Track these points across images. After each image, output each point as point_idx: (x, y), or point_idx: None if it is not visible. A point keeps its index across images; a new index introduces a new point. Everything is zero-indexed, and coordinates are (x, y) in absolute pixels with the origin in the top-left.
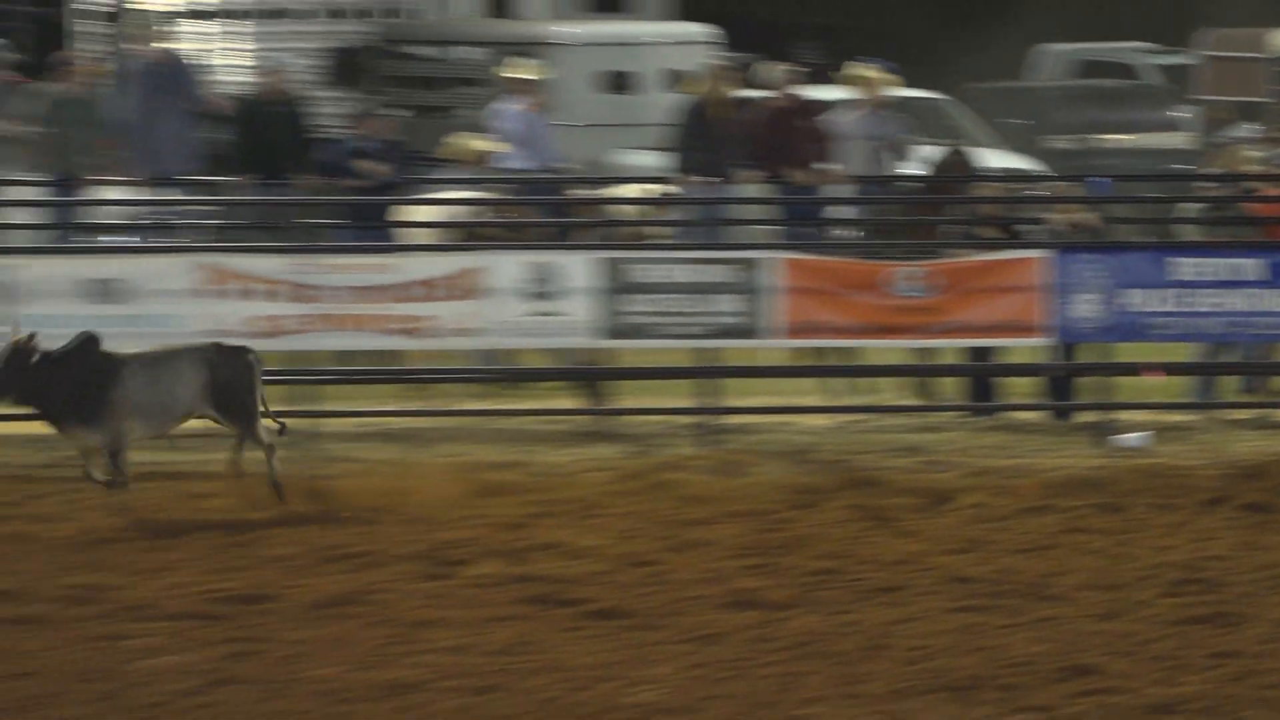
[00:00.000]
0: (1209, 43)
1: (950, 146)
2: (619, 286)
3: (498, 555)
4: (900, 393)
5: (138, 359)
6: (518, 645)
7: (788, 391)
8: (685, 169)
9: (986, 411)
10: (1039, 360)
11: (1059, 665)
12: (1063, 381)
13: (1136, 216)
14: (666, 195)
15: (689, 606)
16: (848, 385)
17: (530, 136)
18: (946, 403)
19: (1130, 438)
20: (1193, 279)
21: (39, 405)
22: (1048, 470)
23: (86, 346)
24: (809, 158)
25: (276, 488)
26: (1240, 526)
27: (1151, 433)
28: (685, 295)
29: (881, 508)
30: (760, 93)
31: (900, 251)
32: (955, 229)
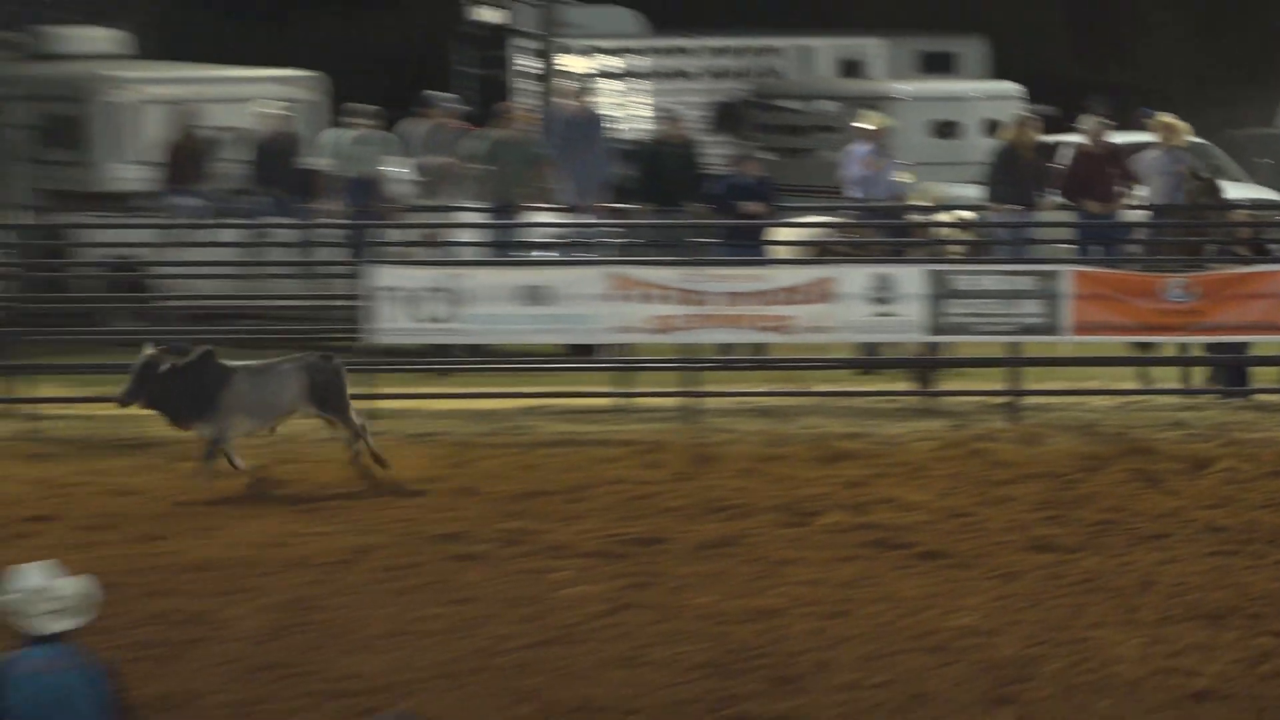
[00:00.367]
0: None
1: (1205, 178)
2: (943, 293)
3: (844, 508)
4: (1169, 379)
5: (246, 368)
6: (859, 580)
7: (1077, 377)
8: (996, 199)
9: (1239, 395)
10: None
11: None
12: None
13: None
14: (981, 220)
15: (996, 550)
16: (1135, 373)
17: (875, 173)
18: (1207, 387)
19: None
20: None
21: (162, 408)
22: None
23: (205, 359)
24: (1110, 190)
25: (378, 459)
26: None
27: None
28: (996, 300)
29: (1152, 471)
30: (1056, 138)
31: (1171, 265)
32: (1215, 247)
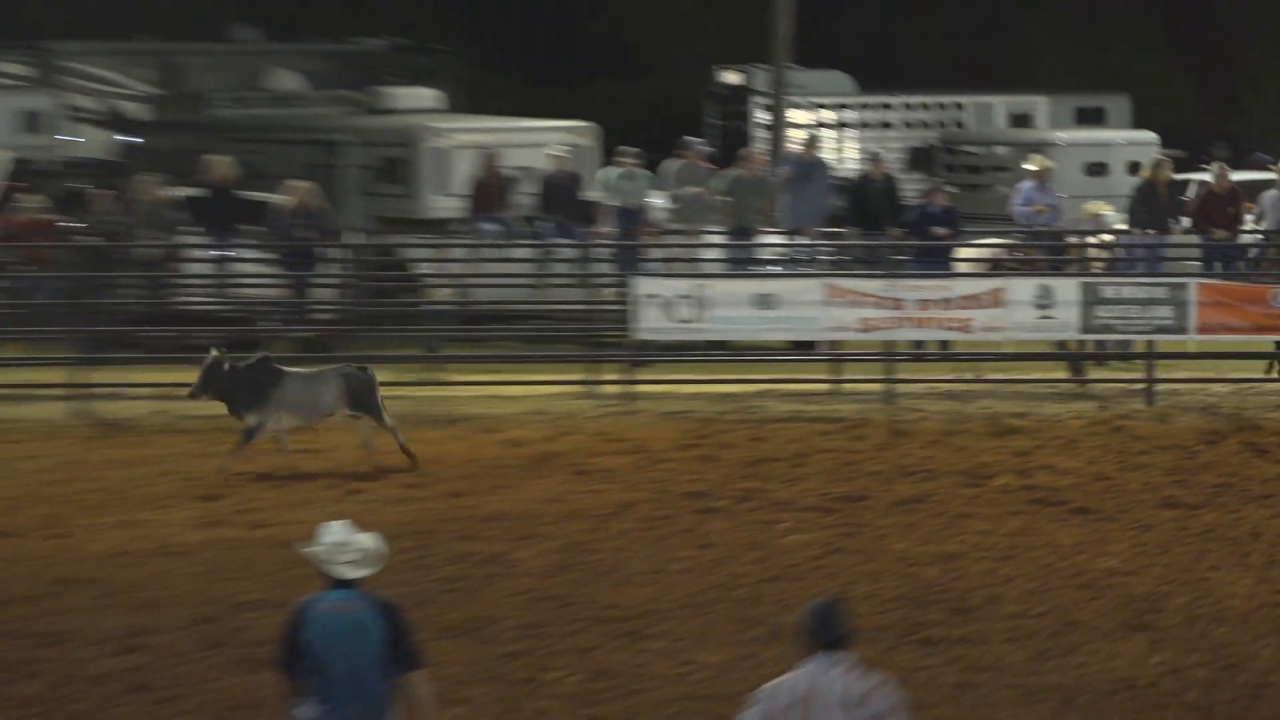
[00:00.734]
0: None
1: None
2: (1092, 300)
3: (1012, 472)
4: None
5: (297, 373)
6: (1024, 530)
7: (1200, 368)
8: (1136, 225)
9: None
10: None
11: None
12: None
13: None
14: (1123, 241)
15: (1133, 506)
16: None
17: (1043, 206)
18: None
19: None
20: None
21: (225, 398)
22: None
23: (262, 363)
24: (1230, 219)
25: (408, 453)
26: None
27: None
28: (1135, 305)
29: (1261, 444)
30: (1186, 176)
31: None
32: None
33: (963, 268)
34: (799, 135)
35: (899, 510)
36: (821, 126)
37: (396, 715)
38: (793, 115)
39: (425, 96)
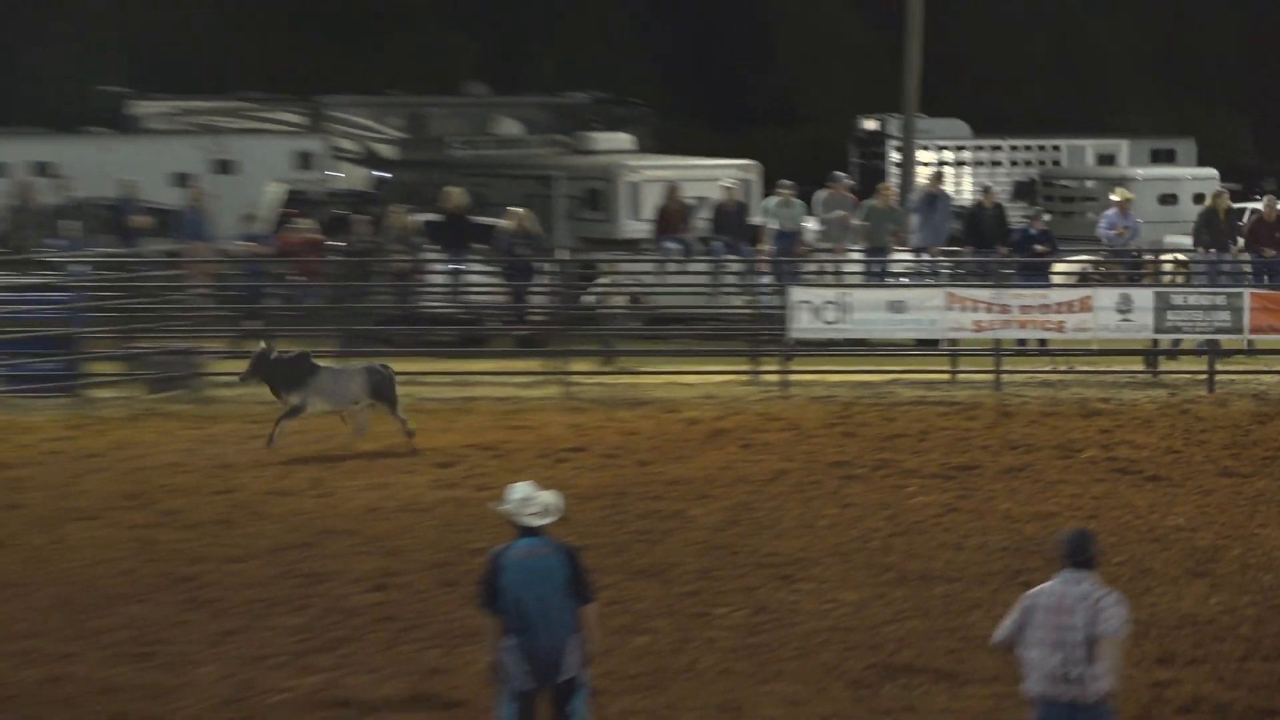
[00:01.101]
0: None
1: None
2: (1164, 306)
3: (1097, 446)
4: None
5: (329, 367)
6: (1106, 494)
7: (1252, 362)
8: (1200, 245)
9: None
10: None
11: None
12: None
13: None
14: (1190, 259)
15: (1196, 475)
16: None
17: (1124, 229)
18: None
19: None
20: None
21: (270, 383)
22: None
23: (303, 356)
24: (1278, 241)
25: (409, 435)
26: None
27: None
28: (1199, 311)
29: None
30: (1242, 205)
31: None
32: None
33: (1058, 279)
34: (925, 171)
35: (1004, 477)
36: (943, 164)
37: (578, 641)
38: (920, 155)
39: (621, 140)
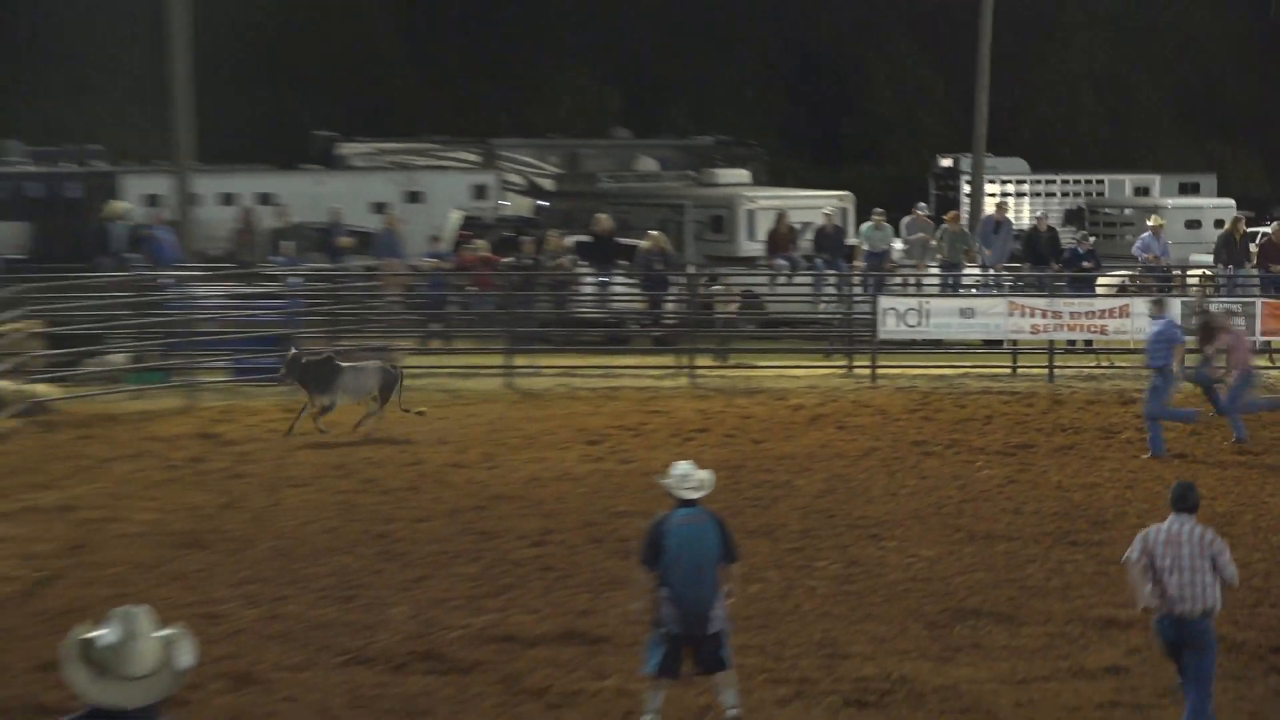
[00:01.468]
0: None
1: None
2: (1188, 313)
3: (1134, 429)
4: None
5: (351, 366)
6: (1141, 469)
7: (1262, 360)
8: (1219, 263)
9: None
10: None
11: None
12: None
13: None
14: (1212, 274)
15: (1216, 453)
16: None
17: (1157, 249)
18: None
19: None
20: None
21: (302, 384)
22: None
23: (328, 359)
24: None
25: (372, 428)
26: None
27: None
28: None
29: None
30: (1256, 230)
31: None
32: None
33: (1101, 291)
34: (991, 201)
35: (1056, 454)
36: (1006, 195)
37: (723, 598)
38: (987, 188)
39: (740, 175)
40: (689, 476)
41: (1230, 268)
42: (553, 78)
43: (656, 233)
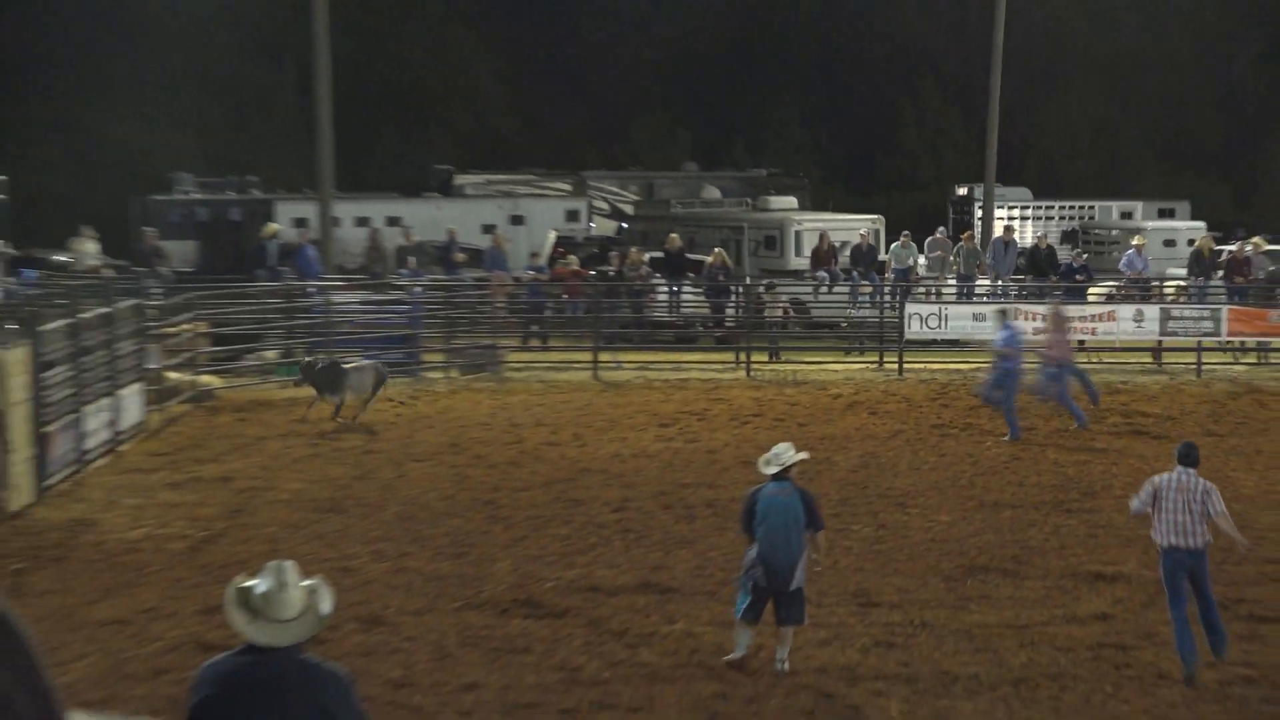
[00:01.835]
0: None
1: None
2: (1166, 318)
3: (1118, 414)
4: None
5: (354, 367)
6: (1124, 448)
7: (1226, 357)
8: (1191, 275)
9: None
10: None
11: None
12: None
13: None
14: (1185, 285)
15: (1188, 434)
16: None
17: (1139, 264)
18: None
19: None
20: None
21: (314, 385)
22: None
23: (334, 364)
24: (1246, 272)
25: (353, 421)
26: None
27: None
28: (1190, 320)
29: (1265, 400)
30: (1221, 248)
31: (1270, 305)
32: None
33: (1091, 299)
34: (1000, 224)
35: (1053, 435)
36: (1012, 219)
37: (805, 560)
38: (996, 212)
39: (789, 201)
40: (779, 455)
41: (1201, 279)
42: (633, 120)
43: (719, 250)
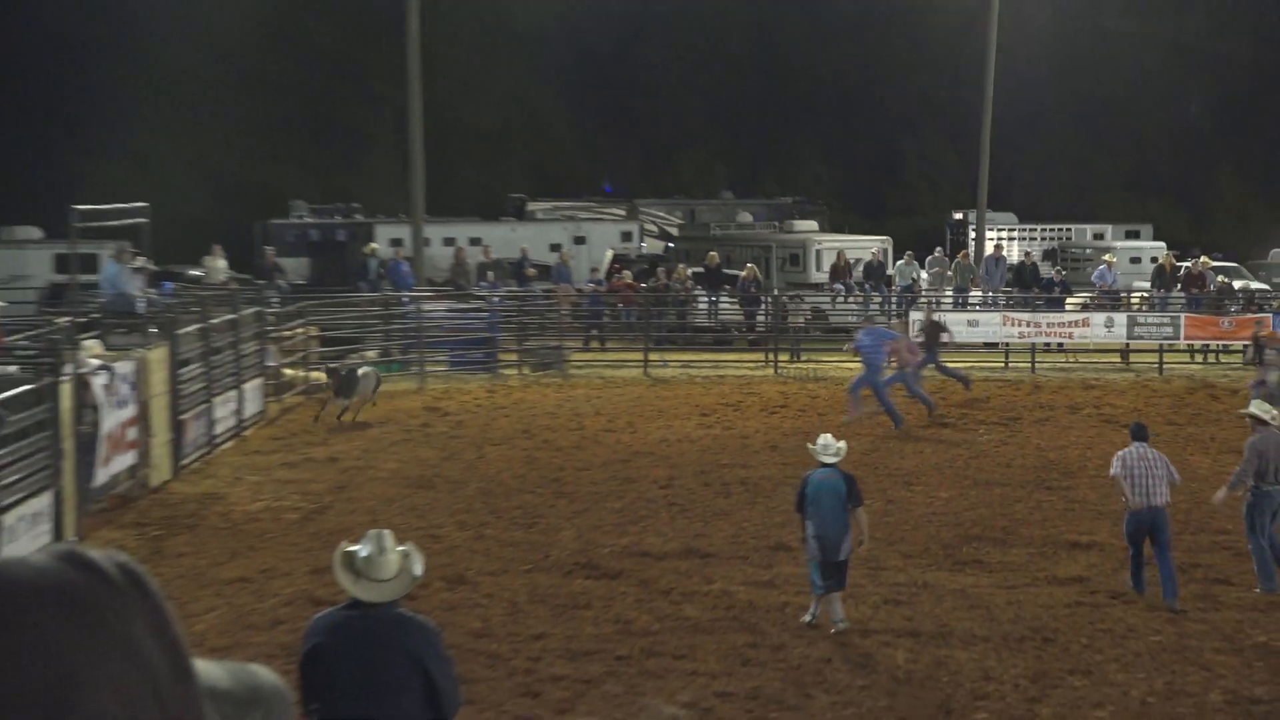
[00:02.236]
0: None
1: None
2: (1133, 324)
3: (1092, 407)
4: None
5: (364, 373)
6: (1098, 435)
7: (1184, 358)
8: (1154, 288)
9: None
10: None
11: None
12: None
13: None
14: (1148, 296)
15: (1152, 424)
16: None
17: (1109, 278)
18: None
19: None
20: None
21: (336, 389)
22: None
23: (352, 370)
24: (1203, 285)
25: (351, 420)
26: None
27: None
28: (1154, 326)
29: (1217, 395)
30: (1181, 264)
31: (1222, 312)
32: (1236, 305)
33: (1069, 308)
34: (990, 244)
35: (1036, 424)
36: (1001, 239)
37: (850, 535)
38: (988, 234)
39: (811, 224)
40: (829, 446)
41: (1162, 291)
42: (678, 155)
43: (751, 265)
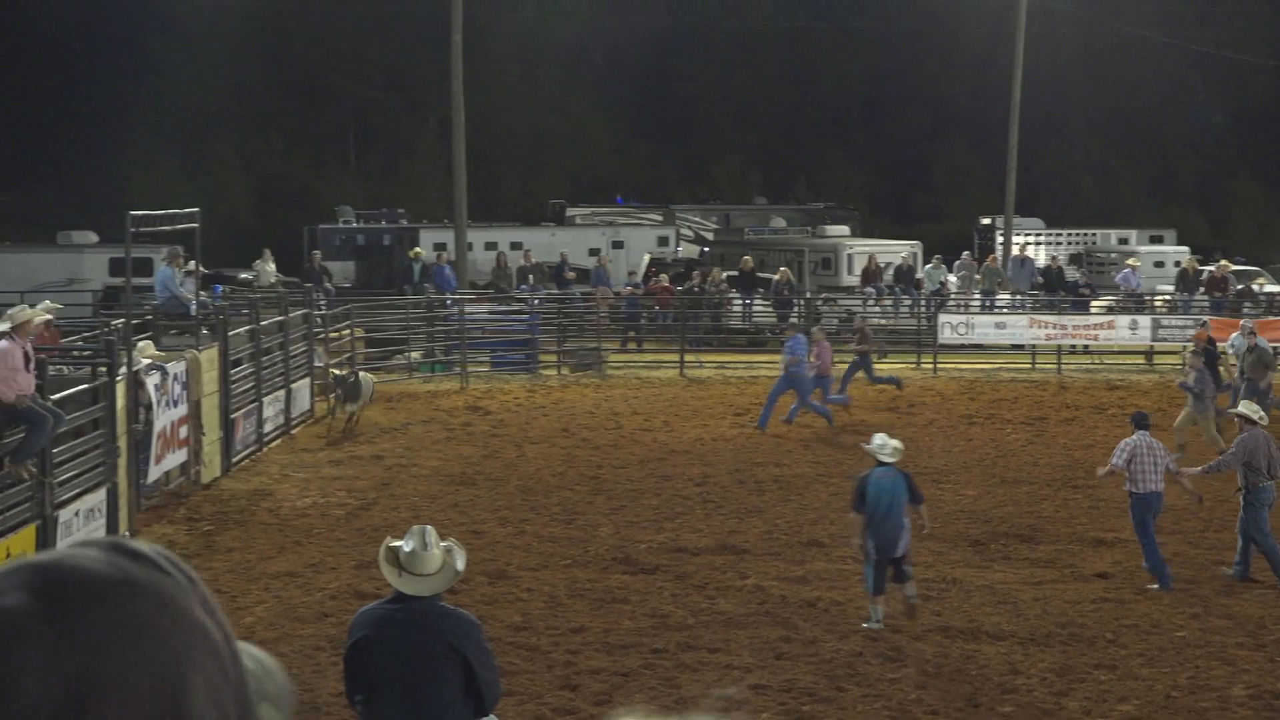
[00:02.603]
0: None
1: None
2: (1157, 326)
3: (1116, 406)
4: None
5: (365, 380)
6: (1121, 434)
7: None
8: (1179, 291)
9: None
10: None
11: None
12: None
13: None
14: (1172, 299)
15: (1168, 421)
16: None
17: (1134, 282)
18: None
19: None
20: None
21: (344, 395)
22: None
23: (358, 376)
24: (1226, 289)
25: (355, 423)
26: None
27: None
28: (1177, 328)
29: None
30: (1204, 269)
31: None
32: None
33: (1094, 310)
34: (1017, 248)
35: (1062, 424)
36: (1028, 244)
37: (908, 532)
38: (1014, 239)
39: (842, 229)
40: (886, 445)
41: (1185, 294)
42: (713, 162)
43: (784, 269)
